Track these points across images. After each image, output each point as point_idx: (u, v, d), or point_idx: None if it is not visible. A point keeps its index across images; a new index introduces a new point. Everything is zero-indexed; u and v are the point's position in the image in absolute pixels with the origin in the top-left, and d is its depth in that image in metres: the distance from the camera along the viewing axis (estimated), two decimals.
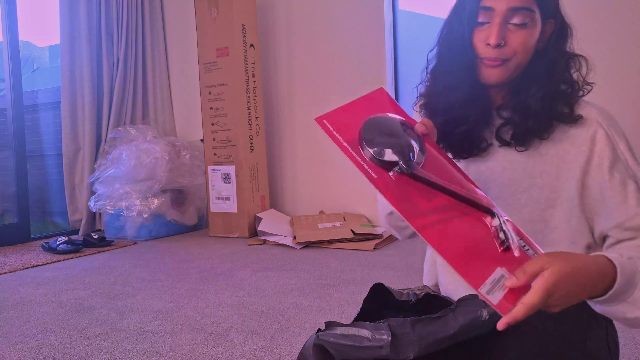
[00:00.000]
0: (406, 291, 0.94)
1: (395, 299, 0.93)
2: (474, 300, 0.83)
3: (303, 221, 3.20)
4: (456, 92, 0.88)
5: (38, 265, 2.66)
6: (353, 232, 2.98)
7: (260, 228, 3.17)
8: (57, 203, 3.96)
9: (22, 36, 3.52)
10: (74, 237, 3.31)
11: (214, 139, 3.41)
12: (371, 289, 0.94)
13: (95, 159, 3.66)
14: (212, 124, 3.41)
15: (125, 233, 3.33)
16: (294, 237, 2.98)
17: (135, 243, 3.23)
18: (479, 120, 0.88)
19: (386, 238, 2.92)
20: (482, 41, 0.83)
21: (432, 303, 0.91)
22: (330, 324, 0.83)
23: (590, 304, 0.71)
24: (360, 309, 0.93)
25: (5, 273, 2.51)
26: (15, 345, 1.56)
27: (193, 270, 2.43)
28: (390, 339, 0.77)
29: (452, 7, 0.90)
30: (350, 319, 0.88)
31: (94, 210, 3.43)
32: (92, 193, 3.47)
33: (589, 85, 0.85)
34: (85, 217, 3.61)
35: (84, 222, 3.61)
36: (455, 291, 0.95)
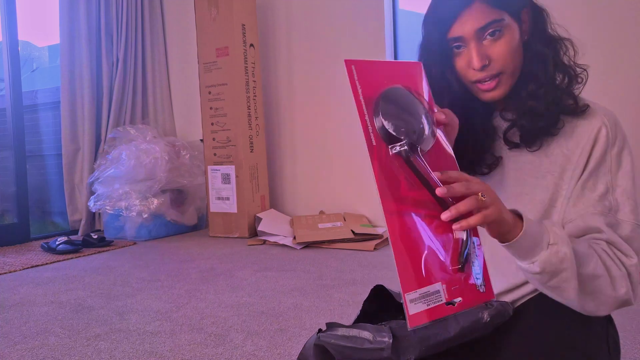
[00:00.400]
0: None
1: (396, 301, 0.93)
2: None
3: (303, 221, 3.20)
4: (462, 121, 0.84)
5: (38, 266, 2.65)
6: (353, 232, 2.97)
7: (260, 228, 3.17)
8: (57, 203, 3.96)
9: (22, 36, 3.53)
10: (73, 237, 3.31)
11: (213, 139, 3.41)
12: (372, 290, 0.93)
13: (95, 159, 3.66)
14: (212, 124, 3.41)
15: (124, 233, 3.33)
16: (294, 237, 2.98)
17: (134, 243, 3.22)
18: (486, 137, 0.88)
19: (386, 238, 2.91)
20: (467, 67, 0.82)
21: None
22: (331, 325, 0.82)
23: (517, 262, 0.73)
24: (361, 310, 0.92)
25: (5, 273, 2.51)
26: (14, 346, 1.56)
27: (193, 271, 2.43)
28: (391, 341, 0.77)
29: (420, 45, 0.87)
30: (350, 320, 0.88)
31: (94, 211, 3.43)
32: (92, 193, 3.46)
33: (581, 68, 0.84)
34: (84, 217, 3.60)
35: (83, 222, 3.60)
36: None
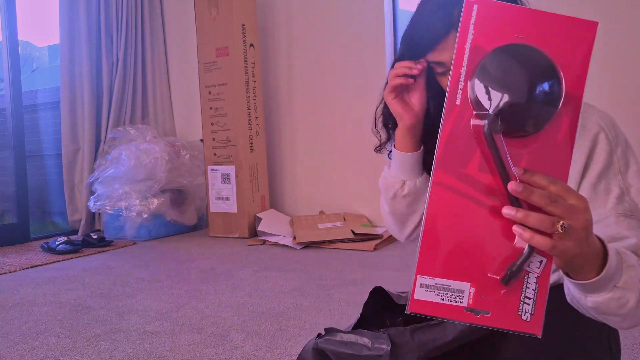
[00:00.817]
0: (405, 294, 0.93)
1: (395, 302, 0.93)
2: None
3: (303, 221, 3.20)
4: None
5: (37, 266, 2.65)
6: (353, 232, 2.97)
7: (260, 228, 3.17)
8: (57, 203, 3.96)
9: (22, 36, 3.52)
10: (73, 237, 3.30)
11: (213, 139, 3.41)
12: (370, 293, 0.93)
13: (95, 159, 3.65)
14: (212, 124, 3.41)
15: (124, 233, 3.33)
16: (294, 237, 2.98)
17: (134, 243, 3.22)
18: None
19: (386, 238, 2.91)
20: None
21: None
22: (329, 330, 0.82)
23: (573, 295, 0.66)
24: (360, 314, 0.92)
25: (5, 273, 2.50)
26: (14, 346, 1.56)
27: (193, 271, 2.43)
28: (389, 348, 0.77)
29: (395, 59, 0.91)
30: (350, 320, 0.88)
31: (94, 211, 3.43)
32: (92, 193, 3.46)
33: None
34: (84, 217, 3.60)
35: (83, 222, 3.60)
36: None
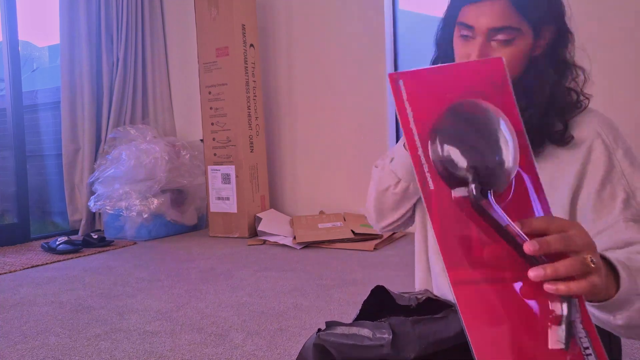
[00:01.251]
0: (407, 295, 0.93)
1: (396, 302, 0.93)
2: None
3: (303, 221, 3.20)
4: None
5: (38, 266, 2.65)
6: (353, 232, 2.97)
7: (260, 228, 3.17)
8: (57, 203, 3.96)
9: (22, 36, 3.53)
10: (73, 237, 3.30)
11: (213, 139, 3.41)
12: (371, 291, 0.93)
13: (95, 159, 3.66)
14: (212, 124, 3.41)
15: (125, 233, 3.33)
16: (294, 237, 2.98)
17: (135, 243, 3.23)
18: None
19: (386, 238, 2.91)
20: (465, 58, 0.80)
21: (433, 307, 0.91)
22: (330, 324, 0.82)
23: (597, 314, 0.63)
24: (360, 310, 0.92)
25: (5, 273, 2.51)
26: (15, 346, 1.56)
27: (193, 271, 2.43)
28: (391, 337, 0.76)
29: (447, 7, 0.87)
30: (350, 320, 0.88)
31: (94, 211, 3.43)
32: (92, 193, 3.46)
33: (585, 98, 0.82)
34: (84, 217, 3.60)
35: (83, 222, 3.60)
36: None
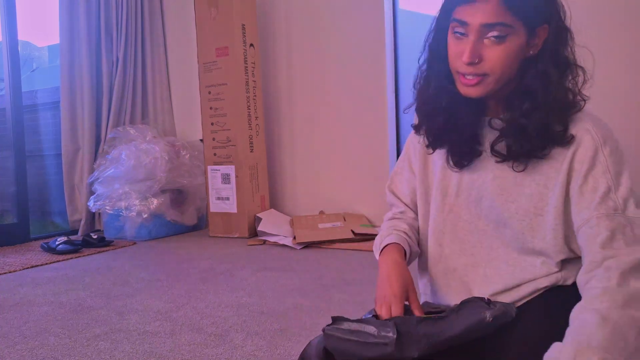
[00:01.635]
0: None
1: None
2: (477, 303, 0.82)
3: (303, 221, 3.20)
4: (441, 99, 0.87)
5: (37, 266, 2.65)
6: (353, 232, 2.97)
7: (260, 228, 3.17)
8: (57, 203, 3.95)
9: (22, 36, 3.52)
10: (73, 237, 3.30)
11: (213, 139, 3.41)
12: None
13: (95, 159, 3.65)
14: (212, 124, 3.41)
15: (124, 233, 3.33)
16: (294, 237, 2.98)
17: (134, 243, 3.22)
18: (469, 126, 0.87)
19: None
20: (458, 55, 0.81)
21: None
22: (336, 319, 0.83)
23: None
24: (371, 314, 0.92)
25: (5, 273, 2.50)
26: (14, 346, 1.56)
27: (193, 271, 2.43)
28: (395, 336, 0.77)
29: (438, 11, 0.89)
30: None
31: (94, 211, 3.42)
32: (92, 193, 3.46)
33: (582, 99, 0.82)
34: (84, 217, 3.60)
35: (83, 222, 3.60)
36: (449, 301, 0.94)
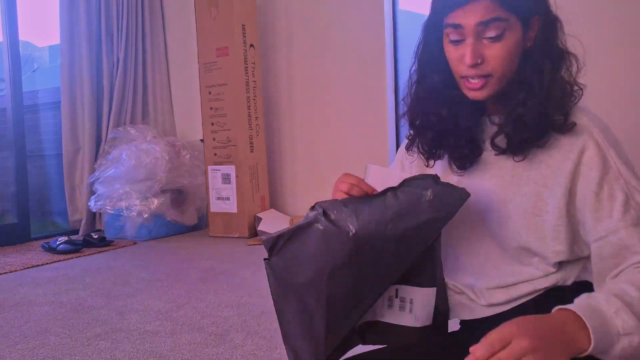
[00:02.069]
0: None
1: None
2: (421, 180, 0.78)
3: None
4: (441, 106, 0.87)
5: (38, 266, 2.65)
6: None
7: (260, 228, 3.17)
8: (57, 203, 3.96)
9: (22, 36, 3.52)
10: (74, 237, 3.31)
11: (214, 139, 3.41)
12: None
13: (95, 159, 3.66)
14: (212, 124, 3.41)
15: (125, 233, 3.33)
16: None
17: (135, 243, 3.23)
18: (470, 130, 0.87)
19: None
20: (460, 60, 0.81)
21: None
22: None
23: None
24: None
25: (5, 273, 2.51)
26: (15, 346, 1.56)
27: (193, 270, 2.43)
28: (321, 210, 0.76)
29: (424, 23, 0.88)
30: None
31: (94, 211, 3.43)
32: (92, 193, 3.46)
33: (579, 88, 0.82)
34: (85, 217, 3.60)
35: (84, 222, 3.61)
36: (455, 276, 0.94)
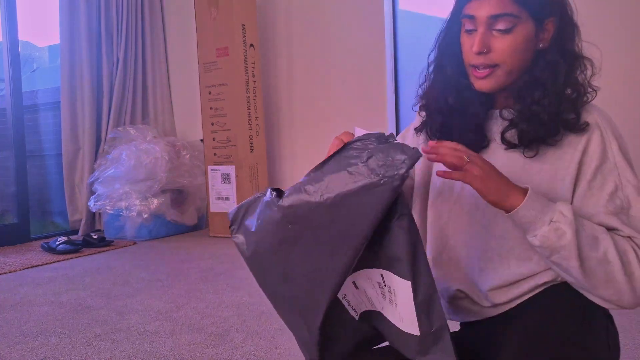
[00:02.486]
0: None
1: None
2: (365, 140, 0.73)
3: None
4: (453, 94, 0.90)
5: (38, 266, 2.65)
6: None
7: None
8: (57, 203, 3.96)
9: (22, 36, 3.53)
10: (73, 237, 3.30)
11: (213, 139, 3.41)
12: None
13: (95, 159, 3.66)
14: (212, 124, 3.41)
15: (125, 233, 3.33)
16: None
17: (134, 243, 3.22)
18: (478, 119, 0.89)
19: None
20: (469, 48, 0.85)
21: None
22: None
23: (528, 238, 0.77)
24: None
25: (5, 273, 2.51)
26: (15, 346, 1.56)
27: (193, 270, 2.43)
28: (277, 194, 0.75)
29: (450, 10, 0.91)
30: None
31: (94, 211, 3.43)
32: (92, 193, 3.46)
33: (593, 89, 0.84)
34: (85, 217, 3.60)
35: (83, 222, 3.60)
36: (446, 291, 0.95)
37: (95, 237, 3.13)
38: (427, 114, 0.95)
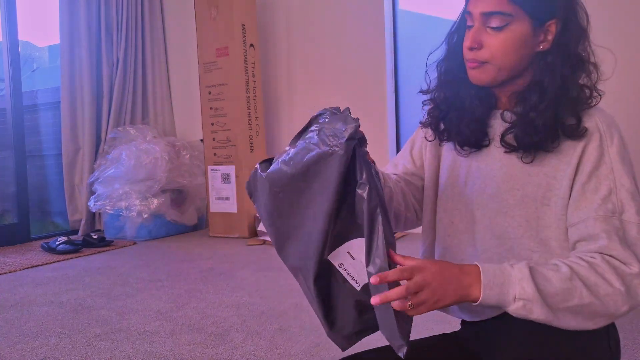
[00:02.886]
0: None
1: None
2: (321, 114, 0.77)
3: None
4: (454, 87, 0.91)
5: (38, 266, 2.65)
6: None
7: (260, 228, 3.17)
8: (57, 203, 3.96)
9: (22, 36, 3.53)
10: (73, 237, 3.31)
11: (213, 139, 3.41)
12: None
13: (95, 159, 3.66)
14: (212, 124, 3.41)
15: (124, 233, 3.33)
16: None
17: (134, 243, 3.22)
18: (478, 115, 0.90)
19: None
20: (465, 43, 0.86)
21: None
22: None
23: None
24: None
25: (5, 273, 2.51)
26: (14, 346, 1.56)
27: (193, 271, 2.43)
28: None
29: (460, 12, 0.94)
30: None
31: (94, 211, 3.43)
32: (92, 193, 3.46)
33: (597, 94, 0.83)
34: (84, 217, 3.60)
35: (83, 222, 3.60)
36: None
37: (95, 237, 3.13)
38: (431, 107, 0.96)
